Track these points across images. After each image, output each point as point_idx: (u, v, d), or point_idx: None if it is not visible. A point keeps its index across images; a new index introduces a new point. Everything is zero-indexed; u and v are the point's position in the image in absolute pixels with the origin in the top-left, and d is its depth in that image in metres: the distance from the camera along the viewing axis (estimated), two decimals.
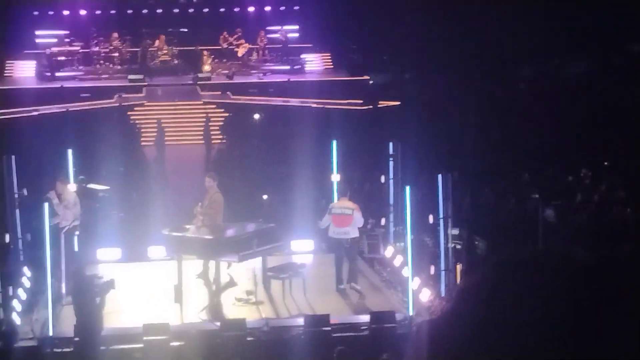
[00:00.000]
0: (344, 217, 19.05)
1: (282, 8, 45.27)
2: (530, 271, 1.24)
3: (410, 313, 17.28)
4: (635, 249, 20.17)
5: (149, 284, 19.28)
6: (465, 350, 1.18)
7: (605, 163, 26.89)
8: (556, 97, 34.74)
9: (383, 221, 22.59)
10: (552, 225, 22.73)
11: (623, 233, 21.72)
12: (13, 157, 19.95)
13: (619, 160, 26.88)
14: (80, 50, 40.76)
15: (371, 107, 34.98)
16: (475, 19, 37.02)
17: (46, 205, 17.70)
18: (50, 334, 16.49)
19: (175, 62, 41.35)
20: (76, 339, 15.79)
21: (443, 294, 17.60)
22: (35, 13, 43.17)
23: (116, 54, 40.83)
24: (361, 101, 35.68)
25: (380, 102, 35.48)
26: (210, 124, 34.60)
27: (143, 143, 33.57)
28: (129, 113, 35.78)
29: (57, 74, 39.27)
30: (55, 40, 41.13)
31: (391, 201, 22.14)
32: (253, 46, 41.94)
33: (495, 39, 36.20)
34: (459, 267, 18.82)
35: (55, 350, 16.17)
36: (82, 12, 43.68)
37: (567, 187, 25.01)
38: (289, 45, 42.16)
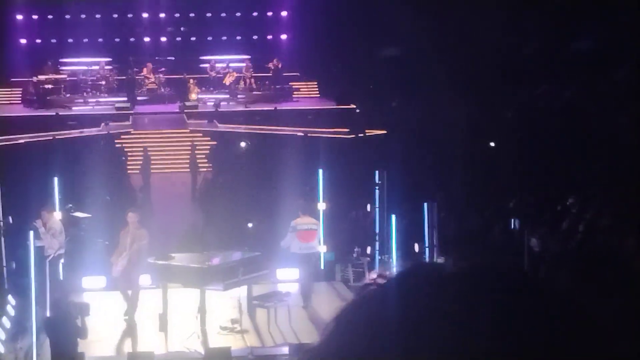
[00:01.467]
0: (310, 233, 19.78)
1: (270, 37, 45.46)
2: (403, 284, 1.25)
3: None
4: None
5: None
6: None
7: (591, 191, 26.95)
8: (542, 124, 34.85)
9: (369, 250, 22.61)
10: (538, 253, 22.78)
11: (608, 261, 21.75)
12: None
13: (605, 187, 26.95)
14: (67, 79, 40.77)
15: (357, 135, 35.04)
16: (461, 47, 37.18)
17: (31, 233, 17.67)
18: None
19: (162, 90, 41.40)
20: None
21: None
22: (23, 41, 43.25)
23: (103, 82, 40.86)
24: (347, 130, 35.74)
25: (366, 131, 35.54)
26: (196, 152, 34.60)
27: (129, 171, 33.53)
28: (115, 141, 35.77)
29: (44, 102, 39.25)
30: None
31: (377, 229, 22.17)
32: (240, 74, 42.02)
33: (480, 66, 36.35)
34: None
35: None
36: (69, 41, 43.77)
37: (553, 215, 25.05)
38: (279, 74, 42.25)
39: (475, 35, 36.87)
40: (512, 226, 24.60)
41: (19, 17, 43.51)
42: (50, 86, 40.16)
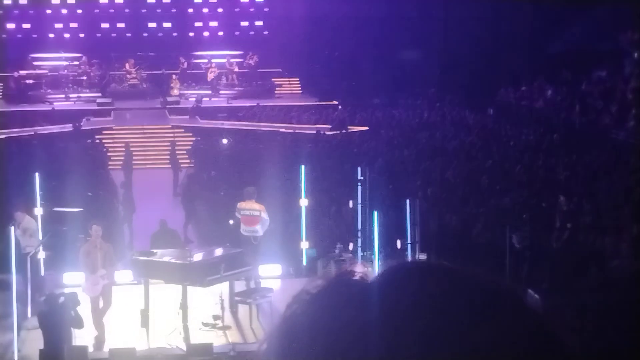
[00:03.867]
0: (252, 218, 20.31)
1: (252, 33, 45.43)
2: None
3: None
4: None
5: (116, 309, 19.14)
6: None
7: (574, 188, 27.04)
8: (525, 123, 34.96)
9: (351, 246, 22.60)
10: (519, 251, 22.83)
11: (592, 260, 21.83)
12: None
13: (588, 187, 27.05)
14: (49, 74, 40.64)
15: (339, 131, 35.06)
16: (446, 46, 37.25)
17: (12, 229, 17.61)
18: (15, 358, 16.35)
19: (144, 85, 41.31)
20: None
21: None
22: (3, 36, 43.08)
23: (84, 78, 40.73)
24: (329, 126, 35.76)
25: (348, 127, 35.57)
26: (178, 148, 34.53)
27: (111, 167, 33.43)
28: (96, 137, 35.67)
29: (25, 97, 39.12)
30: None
31: (359, 226, 22.16)
32: (222, 70, 41.96)
33: (465, 65, 36.43)
34: None
35: None
36: (51, 36, 43.63)
37: (534, 212, 25.12)
38: (258, 70, 42.22)
39: (458, 33, 36.95)
40: (494, 223, 24.65)
41: (0, 12, 43.32)
42: (31, 81, 40.01)
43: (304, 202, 22.25)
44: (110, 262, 17.59)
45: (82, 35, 43.77)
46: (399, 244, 20.86)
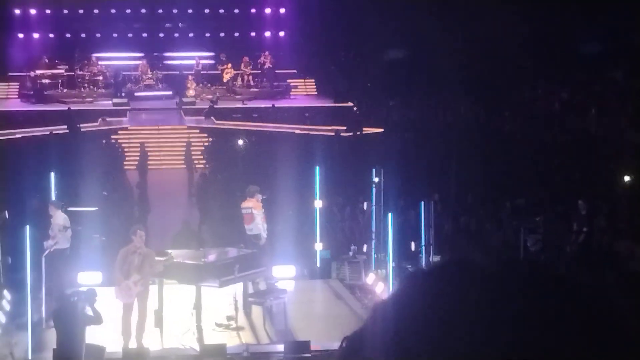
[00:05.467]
0: (247, 216, 20.52)
1: (268, 34, 45.44)
2: (441, 280, 1.26)
3: None
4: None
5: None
6: None
7: (589, 190, 26.98)
8: (539, 124, 34.88)
9: (365, 248, 22.60)
10: (534, 253, 22.79)
11: (606, 262, 21.77)
12: None
13: (602, 189, 26.97)
14: (65, 74, 40.73)
15: (355, 133, 35.05)
16: (460, 48, 37.18)
17: (27, 228, 17.66)
18: (30, 358, 16.40)
19: (160, 86, 41.38)
20: None
21: None
22: (20, 35, 43.22)
23: (100, 78, 40.82)
24: (345, 127, 35.74)
25: (364, 129, 35.55)
26: (193, 148, 34.58)
27: (126, 167, 33.50)
28: (112, 137, 35.75)
29: (41, 97, 39.24)
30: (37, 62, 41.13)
31: (373, 228, 22.15)
32: (237, 71, 41.98)
33: (478, 67, 36.36)
34: None
35: None
36: (67, 35, 43.75)
37: (550, 214, 25.06)
38: (275, 71, 42.21)
39: (474, 35, 36.88)
40: (509, 225, 24.61)
41: (17, 11, 43.45)
42: (47, 81, 40.11)
43: (318, 203, 22.26)
44: (147, 268, 17.08)
45: (98, 35, 43.84)
46: (413, 246, 20.85)
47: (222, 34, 44.98)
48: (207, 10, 45.03)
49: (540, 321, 1.15)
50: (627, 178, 27.60)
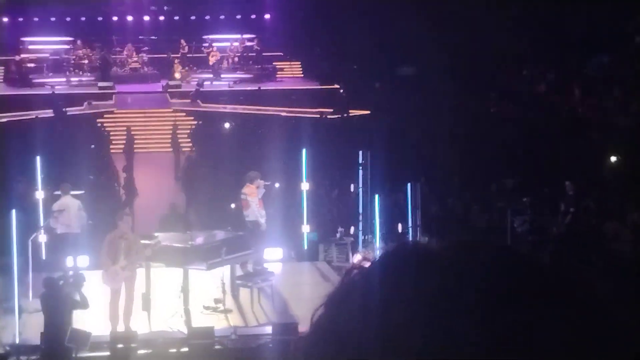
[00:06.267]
0: (243, 202, 20.42)
1: (253, 16, 45.31)
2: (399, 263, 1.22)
3: None
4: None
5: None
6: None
7: (575, 173, 27.03)
8: (525, 107, 34.89)
9: (352, 230, 22.60)
10: (521, 234, 22.84)
11: (593, 244, 21.84)
12: None
13: (589, 170, 27.02)
14: (50, 57, 40.56)
15: (341, 115, 35.00)
16: (446, 30, 37.14)
17: (13, 212, 17.60)
18: (17, 342, 16.37)
19: (146, 69, 41.25)
20: (42, 346, 15.67)
21: None
22: (5, 19, 43.00)
23: (86, 61, 40.67)
24: (331, 110, 35.69)
25: (350, 111, 35.50)
26: (179, 131, 34.51)
27: (112, 151, 33.40)
28: (98, 120, 35.63)
29: (26, 81, 39.07)
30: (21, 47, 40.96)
31: (360, 210, 22.14)
32: (224, 54, 41.88)
33: (466, 49, 36.33)
34: None
35: (21, 357, 16.05)
36: (52, 19, 43.53)
37: (535, 196, 25.10)
38: (259, 54, 42.12)
39: (460, 17, 36.84)
40: (495, 207, 24.66)
41: None
42: (32, 65, 39.95)
43: (305, 186, 22.24)
44: (134, 253, 17.03)
45: (83, 18, 43.64)
46: (400, 227, 20.86)
47: (207, 17, 44.82)
48: None
49: (498, 306, 1.11)
50: (613, 159, 27.67)
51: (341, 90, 39.00)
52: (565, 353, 1.09)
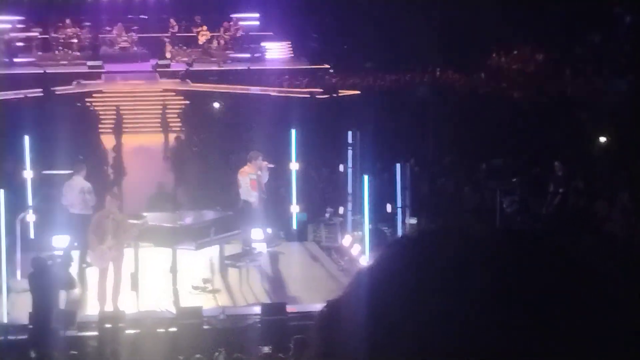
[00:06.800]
0: (238, 182, 20.17)
1: None
2: (427, 246, 1.18)
3: None
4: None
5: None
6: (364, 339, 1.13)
7: (565, 153, 27.05)
8: (516, 86, 34.91)
9: (341, 210, 22.58)
10: (510, 214, 22.87)
11: (583, 223, 21.87)
12: None
13: (579, 150, 27.05)
14: (39, 36, 40.39)
15: (331, 95, 34.94)
16: (436, 10, 37.10)
17: (1, 191, 17.54)
18: (5, 321, 16.35)
19: (135, 49, 41.11)
20: (30, 326, 15.66)
21: None
22: None
23: (75, 40, 40.50)
24: (321, 90, 35.63)
25: (340, 91, 35.45)
26: (168, 111, 34.41)
27: (101, 130, 33.28)
28: (87, 100, 35.49)
29: (15, 60, 38.92)
30: (9, 26, 40.72)
31: (350, 190, 22.11)
32: (214, 34, 41.75)
33: (454, 28, 36.28)
34: None
35: (9, 337, 16.03)
36: None
37: (525, 176, 25.13)
38: (249, 33, 42.01)
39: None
40: (485, 187, 24.67)
41: None
42: (21, 44, 39.77)
43: (294, 166, 22.20)
44: (121, 233, 16.94)
45: None
46: (389, 208, 20.85)
47: None
48: None
49: (537, 296, 1.08)
50: (603, 139, 27.69)
51: (331, 70, 38.94)
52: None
